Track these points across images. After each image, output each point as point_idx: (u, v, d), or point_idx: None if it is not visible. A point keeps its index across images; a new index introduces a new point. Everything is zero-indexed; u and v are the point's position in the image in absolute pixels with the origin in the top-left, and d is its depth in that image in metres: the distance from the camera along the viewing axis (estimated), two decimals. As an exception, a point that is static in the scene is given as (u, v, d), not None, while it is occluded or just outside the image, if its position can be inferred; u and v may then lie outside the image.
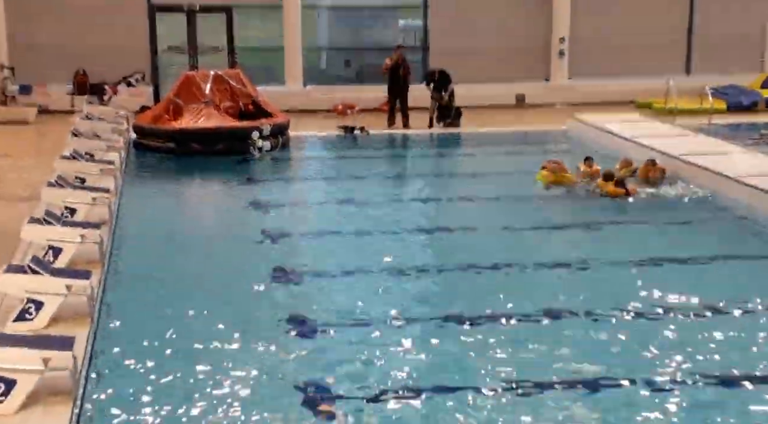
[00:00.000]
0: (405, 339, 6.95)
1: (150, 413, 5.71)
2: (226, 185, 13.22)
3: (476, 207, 11.63)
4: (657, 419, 5.62)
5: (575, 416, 5.66)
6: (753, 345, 6.81)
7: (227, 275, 8.68)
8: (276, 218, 11.13)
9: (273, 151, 15.36)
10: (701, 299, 7.69)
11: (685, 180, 12.44)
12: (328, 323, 7.27)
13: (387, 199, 12.10)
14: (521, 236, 10.12)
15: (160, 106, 16.44)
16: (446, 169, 15.34)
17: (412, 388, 6.05)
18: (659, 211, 11.27)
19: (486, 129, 18.11)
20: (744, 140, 15.60)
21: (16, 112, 18.78)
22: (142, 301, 7.85)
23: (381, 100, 19.73)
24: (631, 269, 8.67)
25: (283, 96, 19.37)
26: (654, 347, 6.71)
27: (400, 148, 17.45)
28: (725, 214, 11.16)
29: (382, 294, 8.08)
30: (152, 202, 12.07)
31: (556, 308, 7.52)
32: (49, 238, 8.24)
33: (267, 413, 5.74)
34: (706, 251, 9.34)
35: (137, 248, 9.58)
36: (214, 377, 6.28)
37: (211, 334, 7.01)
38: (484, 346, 6.77)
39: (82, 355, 6.21)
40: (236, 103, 16.14)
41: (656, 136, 15.23)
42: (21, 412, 5.46)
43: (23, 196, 11.54)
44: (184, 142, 15.13)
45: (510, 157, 15.53)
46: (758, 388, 6.07)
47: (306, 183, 13.95)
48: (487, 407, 5.79)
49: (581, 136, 16.84)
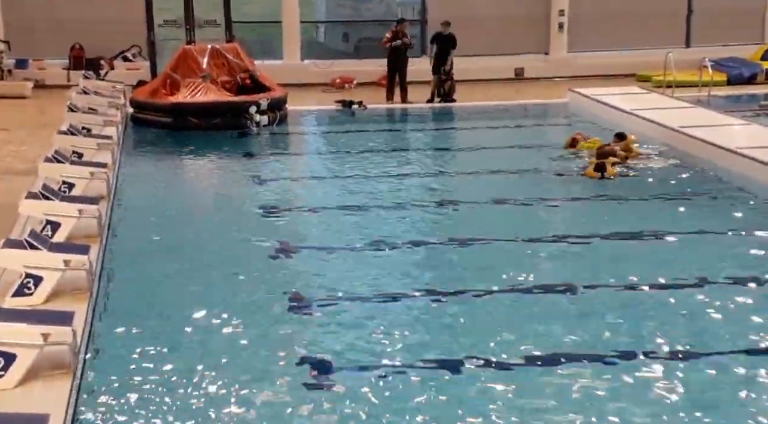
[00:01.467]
0: (402, 312, 6.99)
1: (150, 386, 5.73)
2: (224, 160, 13.17)
3: (477, 181, 11.59)
4: (638, 388, 5.70)
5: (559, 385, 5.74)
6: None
7: (225, 248, 8.67)
8: (274, 192, 11.10)
9: (271, 125, 15.31)
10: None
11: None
12: (324, 297, 7.29)
13: (384, 173, 12.04)
14: (522, 211, 10.11)
15: (158, 80, 16.35)
16: (446, 144, 15.28)
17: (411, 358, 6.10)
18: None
19: (485, 102, 18.04)
20: (743, 112, 15.59)
21: (12, 86, 18.70)
22: (141, 275, 7.87)
23: (379, 75, 19.64)
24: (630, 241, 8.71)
25: (280, 70, 19.24)
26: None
27: (399, 122, 17.37)
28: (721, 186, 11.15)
29: (376, 267, 8.09)
30: (150, 176, 12.04)
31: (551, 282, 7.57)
32: (47, 212, 8.23)
33: (267, 383, 5.78)
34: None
35: (135, 222, 9.58)
36: (214, 348, 6.30)
37: (210, 306, 7.03)
38: (478, 316, 6.82)
39: (81, 329, 6.22)
40: (233, 78, 16.05)
41: (655, 109, 15.22)
42: (21, 386, 5.49)
43: (21, 171, 11.53)
44: (181, 117, 15.06)
45: (511, 131, 15.49)
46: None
47: (304, 158, 13.91)
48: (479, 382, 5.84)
49: (581, 110, 16.82)
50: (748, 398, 5.57)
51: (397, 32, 18.08)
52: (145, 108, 15.63)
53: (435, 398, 5.57)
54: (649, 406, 5.48)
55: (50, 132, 12.00)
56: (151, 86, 16.31)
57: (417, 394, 5.64)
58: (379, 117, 17.07)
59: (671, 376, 5.85)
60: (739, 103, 17.67)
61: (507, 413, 5.39)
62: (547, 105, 18.08)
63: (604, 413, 5.37)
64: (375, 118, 16.79)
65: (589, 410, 5.42)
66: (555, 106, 17.77)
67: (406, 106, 17.86)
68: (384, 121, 17.03)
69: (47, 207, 8.35)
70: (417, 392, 5.66)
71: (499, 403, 5.50)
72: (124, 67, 20.20)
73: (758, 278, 7.65)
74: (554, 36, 22.01)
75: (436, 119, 17.36)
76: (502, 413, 5.37)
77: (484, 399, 5.56)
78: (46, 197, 8.58)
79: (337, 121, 16.75)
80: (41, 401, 5.28)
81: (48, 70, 19.96)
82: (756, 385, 5.75)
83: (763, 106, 16.46)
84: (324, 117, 17.18)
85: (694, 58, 18.94)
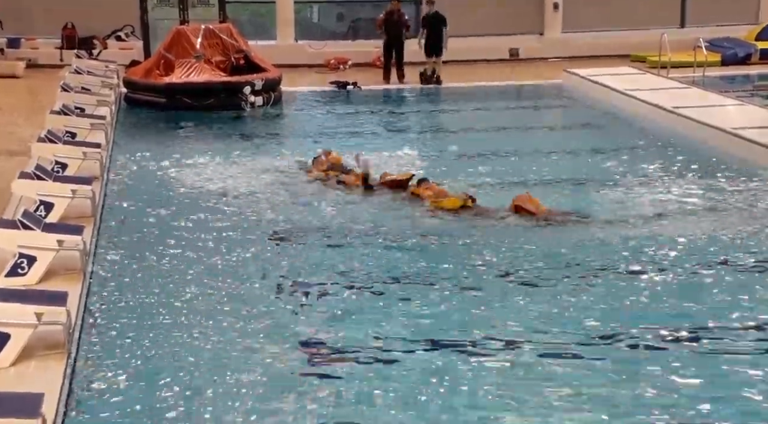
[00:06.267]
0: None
1: (144, 366, 5.74)
2: (218, 140, 13.12)
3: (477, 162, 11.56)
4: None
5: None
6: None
7: (219, 228, 8.67)
8: (268, 173, 11.05)
9: (265, 106, 15.26)
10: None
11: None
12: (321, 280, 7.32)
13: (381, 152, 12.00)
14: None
15: (151, 60, 16.27)
16: (442, 124, 15.25)
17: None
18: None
19: (481, 83, 17.99)
20: (737, 92, 15.61)
21: (4, 66, 18.58)
22: (135, 255, 7.86)
23: (374, 55, 19.55)
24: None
25: (274, 51, 19.16)
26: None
27: (395, 103, 17.28)
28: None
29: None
30: (143, 156, 11.99)
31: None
32: (40, 193, 8.21)
33: (266, 357, 5.83)
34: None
35: (129, 202, 9.56)
36: (208, 327, 6.32)
37: (204, 286, 7.04)
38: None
39: (75, 309, 6.22)
40: (227, 58, 15.98)
41: (648, 89, 15.24)
42: (15, 366, 5.49)
43: (14, 151, 11.48)
44: (175, 97, 15.01)
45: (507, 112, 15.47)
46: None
47: (299, 139, 13.86)
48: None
49: (576, 90, 16.80)
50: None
51: (392, 12, 17.97)
52: (138, 88, 15.58)
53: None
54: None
55: (43, 112, 11.94)
56: (144, 66, 16.24)
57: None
58: (374, 98, 17.00)
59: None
60: (733, 83, 17.67)
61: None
62: (542, 86, 18.02)
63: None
64: (369, 99, 16.74)
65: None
66: (549, 86, 17.72)
67: (402, 87, 17.80)
68: (380, 102, 16.96)
69: (40, 187, 8.34)
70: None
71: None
72: (117, 46, 20.10)
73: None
74: (549, 16, 21.93)
75: (432, 100, 17.28)
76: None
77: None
78: (39, 177, 8.57)
79: (331, 102, 16.68)
80: (36, 381, 5.28)
81: (41, 50, 19.86)
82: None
83: (758, 87, 16.49)
84: (319, 98, 17.11)
85: (688, 39, 18.92)
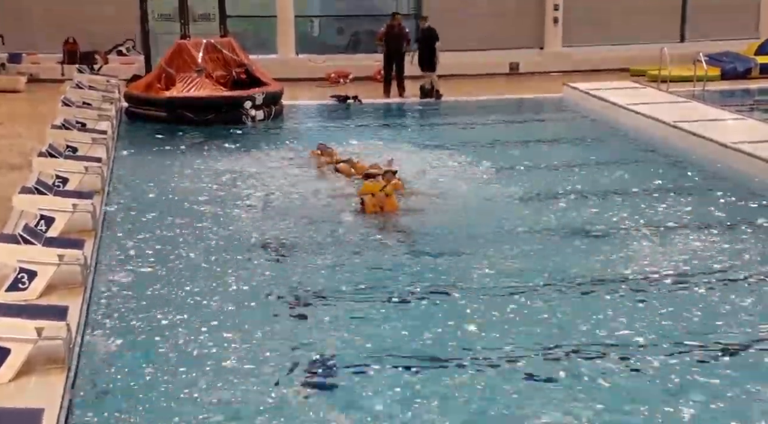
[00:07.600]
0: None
1: (145, 381, 5.73)
2: (218, 154, 13.13)
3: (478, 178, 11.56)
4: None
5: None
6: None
7: (220, 240, 8.68)
8: (267, 185, 11.05)
9: (266, 120, 15.28)
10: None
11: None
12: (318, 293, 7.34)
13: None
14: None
15: (152, 74, 16.32)
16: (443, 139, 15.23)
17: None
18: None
19: (483, 97, 18.02)
20: (737, 107, 15.64)
21: (6, 80, 18.65)
22: (135, 269, 7.85)
23: (374, 69, 19.60)
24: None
25: (275, 64, 19.22)
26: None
27: (396, 117, 17.28)
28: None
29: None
30: (144, 171, 12.00)
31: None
32: (41, 207, 8.22)
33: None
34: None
35: (129, 217, 9.57)
36: (208, 338, 6.32)
37: (204, 296, 7.05)
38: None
39: (75, 324, 6.21)
40: (229, 72, 16.03)
41: (649, 103, 15.26)
42: (15, 381, 5.48)
43: (15, 165, 11.49)
44: (176, 111, 15.03)
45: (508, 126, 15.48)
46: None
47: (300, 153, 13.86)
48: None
49: (577, 104, 16.84)
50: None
51: (393, 26, 18.03)
52: (139, 102, 15.60)
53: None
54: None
55: (44, 126, 11.96)
56: (145, 81, 16.28)
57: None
58: (374, 112, 17.03)
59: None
60: (733, 97, 17.70)
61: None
62: (544, 100, 18.06)
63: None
64: (370, 113, 16.76)
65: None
66: (551, 100, 17.76)
67: (403, 101, 17.83)
68: (380, 116, 16.98)
69: (41, 201, 8.34)
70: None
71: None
72: (119, 61, 20.15)
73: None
74: (549, 30, 22.02)
75: (432, 114, 17.29)
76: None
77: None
78: (40, 192, 8.58)
79: (332, 115, 16.70)
80: (36, 396, 5.28)
81: (42, 64, 19.91)
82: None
83: (758, 101, 16.52)
84: (319, 112, 17.13)
85: (688, 53, 18.96)
